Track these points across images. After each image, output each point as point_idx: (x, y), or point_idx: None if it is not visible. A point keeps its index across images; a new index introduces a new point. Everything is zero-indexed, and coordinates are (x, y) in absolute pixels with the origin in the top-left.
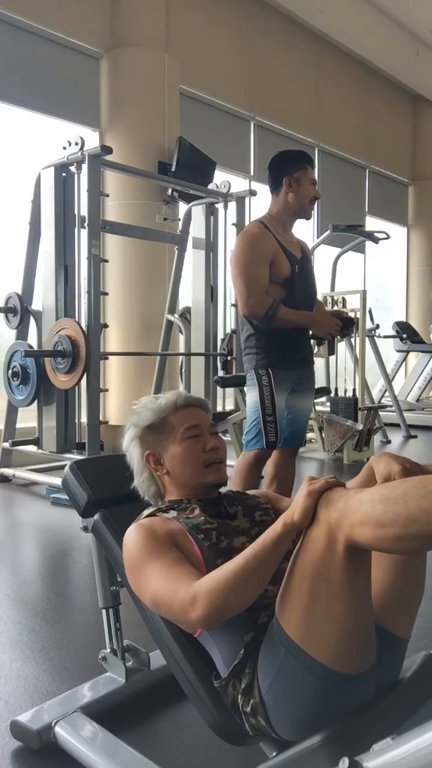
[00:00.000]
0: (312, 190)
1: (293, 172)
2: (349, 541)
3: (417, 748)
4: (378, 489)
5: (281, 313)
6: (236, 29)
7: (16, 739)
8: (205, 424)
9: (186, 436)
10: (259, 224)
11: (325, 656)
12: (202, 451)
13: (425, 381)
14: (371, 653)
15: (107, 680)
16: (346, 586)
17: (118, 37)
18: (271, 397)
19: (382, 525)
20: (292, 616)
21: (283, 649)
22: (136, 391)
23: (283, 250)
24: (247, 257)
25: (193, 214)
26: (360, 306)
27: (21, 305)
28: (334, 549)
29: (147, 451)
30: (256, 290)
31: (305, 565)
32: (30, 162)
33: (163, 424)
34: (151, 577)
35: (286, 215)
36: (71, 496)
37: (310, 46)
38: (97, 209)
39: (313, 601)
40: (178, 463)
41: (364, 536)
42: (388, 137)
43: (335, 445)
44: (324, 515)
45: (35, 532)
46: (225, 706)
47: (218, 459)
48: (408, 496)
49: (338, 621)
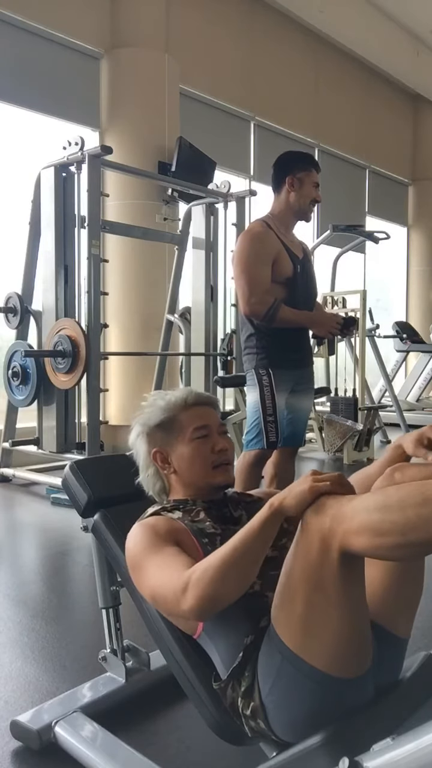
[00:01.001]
0: (314, 192)
1: (297, 172)
2: (344, 549)
3: (417, 748)
4: (373, 496)
5: (282, 312)
6: (236, 29)
7: (16, 739)
8: (214, 424)
9: (195, 437)
10: (262, 223)
11: (323, 662)
12: (211, 452)
13: (425, 381)
14: (368, 655)
15: (107, 680)
16: (341, 593)
17: (118, 37)
18: (272, 397)
19: (380, 534)
20: (288, 624)
21: (280, 656)
22: (136, 391)
23: (286, 250)
24: (250, 256)
25: (193, 214)
26: (360, 306)
27: (21, 305)
28: (327, 557)
29: (154, 449)
30: (257, 289)
31: (299, 574)
32: (30, 162)
33: (172, 422)
34: (150, 571)
35: (288, 215)
36: (71, 496)
37: (310, 46)
38: (97, 209)
39: (308, 609)
40: (186, 463)
41: (361, 545)
42: (388, 137)
43: (335, 445)
44: (316, 522)
45: (35, 532)
46: (224, 708)
47: (226, 460)
48: (405, 504)
49: (334, 628)
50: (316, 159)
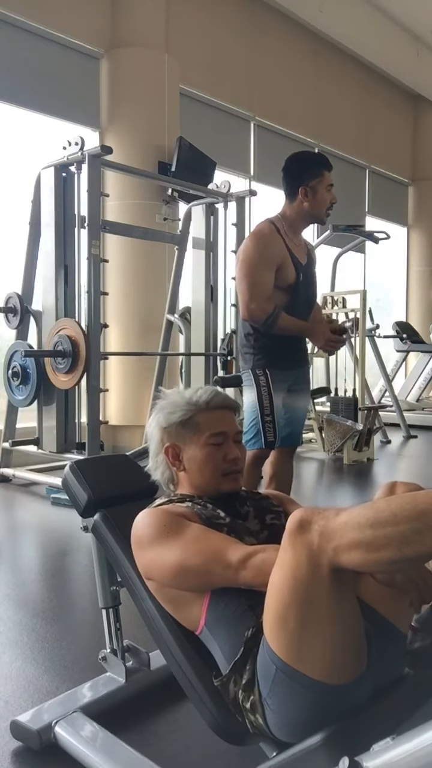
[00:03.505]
0: (329, 195)
1: (309, 181)
2: (336, 565)
3: (417, 748)
4: (362, 510)
5: (281, 321)
6: (236, 29)
7: (16, 739)
8: (231, 431)
9: (210, 442)
10: (270, 225)
11: (318, 672)
12: (223, 460)
13: (425, 381)
14: (363, 658)
15: (107, 680)
16: (333, 608)
17: (118, 37)
18: (269, 397)
19: (375, 550)
20: (280, 639)
21: (275, 667)
22: (136, 391)
23: (291, 256)
24: (255, 259)
25: (193, 214)
26: (360, 306)
27: (21, 305)
28: (317, 574)
29: (167, 444)
30: (258, 295)
31: (289, 591)
32: (30, 162)
33: (191, 421)
34: (179, 543)
35: (299, 221)
36: (71, 496)
37: (310, 46)
38: (97, 209)
39: (301, 625)
40: (197, 466)
41: (354, 561)
42: (388, 137)
43: (335, 445)
44: (302, 540)
45: (35, 532)
46: (225, 706)
47: (237, 469)
48: (398, 518)
49: (327, 641)
50: (325, 157)
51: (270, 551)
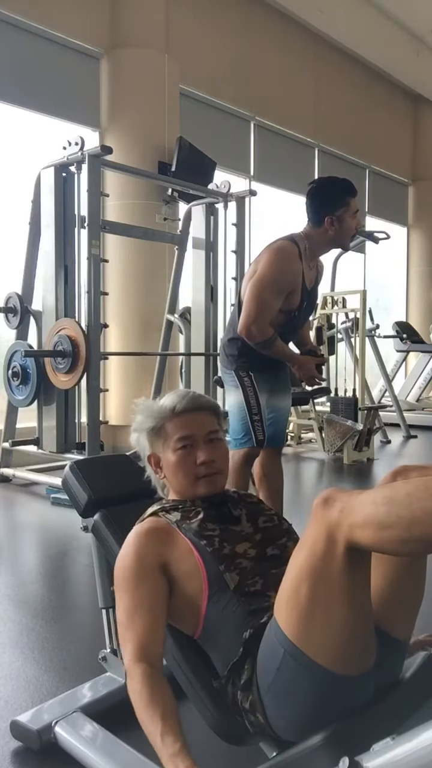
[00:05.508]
0: (354, 223)
1: (335, 210)
2: (350, 542)
3: (417, 748)
4: (381, 490)
5: (275, 347)
6: (236, 29)
7: (16, 739)
8: (199, 434)
9: (177, 447)
10: (293, 247)
11: (325, 658)
12: (194, 464)
13: (425, 381)
14: (371, 654)
15: (107, 680)
16: (346, 588)
17: (118, 37)
18: (256, 397)
19: (386, 527)
20: (291, 617)
21: (282, 650)
22: (136, 391)
23: (302, 283)
24: (269, 282)
25: (193, 214)
26: (360, 306)
27: (21, 305)
28: (334, 550)
29: (148, 453)
30: (262, 319)
31: (304, 567)
32: (30, 162)
33: (161, 429)
34: (121, 605)
35: (324, 245)
36: (71, 496)
37: (309, 47)
38: (97, 209)
39: (312, 602)
40: (171, 472)
41: (366, 538)
42: (388, 137)
43: (335, 445)
44: (324, 514)
45: (35, 532)
46: (225, 706)
47: (211, 471)
48: (412, 498)
49: (338, 623)
50: (351, 184)
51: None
